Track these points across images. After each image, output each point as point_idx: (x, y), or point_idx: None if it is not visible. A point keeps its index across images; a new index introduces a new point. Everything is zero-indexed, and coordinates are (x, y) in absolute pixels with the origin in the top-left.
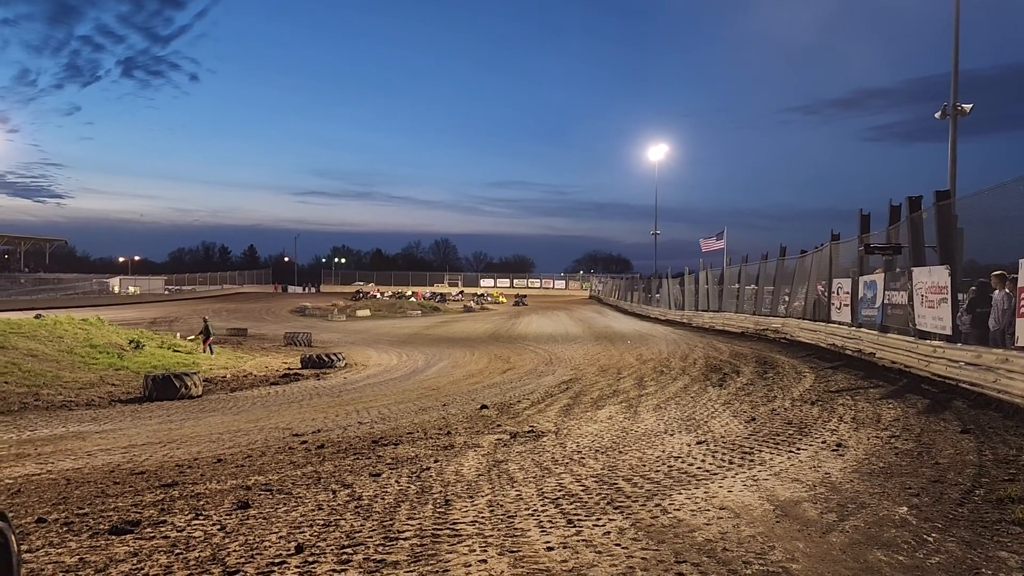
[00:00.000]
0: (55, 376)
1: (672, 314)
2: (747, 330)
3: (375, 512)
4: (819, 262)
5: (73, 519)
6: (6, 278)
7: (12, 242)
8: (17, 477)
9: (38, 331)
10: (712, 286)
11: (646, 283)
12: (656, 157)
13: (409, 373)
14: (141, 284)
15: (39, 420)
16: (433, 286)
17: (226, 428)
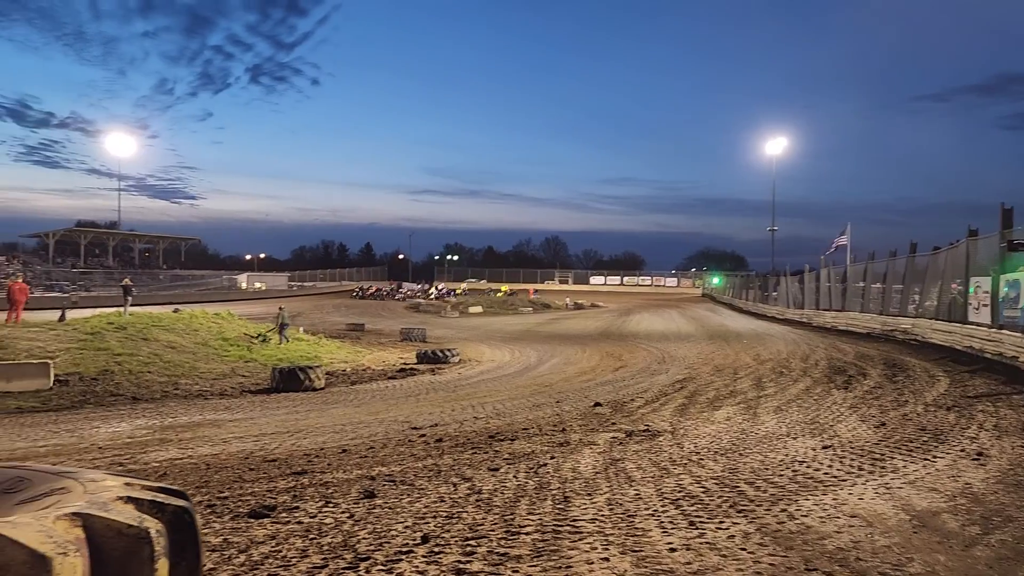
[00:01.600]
0: (192, 367)
1: (791, 313)
2: (873, 331)
3: (495, 506)
4: (954, 259)
5: (215, 502)
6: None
7: (152, 241)
8: (163, 461)
9: (176, 324)
10: (834, 284)
11: (762, 281)
12: (774, 151)
13: (522, 369)
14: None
15: (178, 408)
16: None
17: (348, 420)
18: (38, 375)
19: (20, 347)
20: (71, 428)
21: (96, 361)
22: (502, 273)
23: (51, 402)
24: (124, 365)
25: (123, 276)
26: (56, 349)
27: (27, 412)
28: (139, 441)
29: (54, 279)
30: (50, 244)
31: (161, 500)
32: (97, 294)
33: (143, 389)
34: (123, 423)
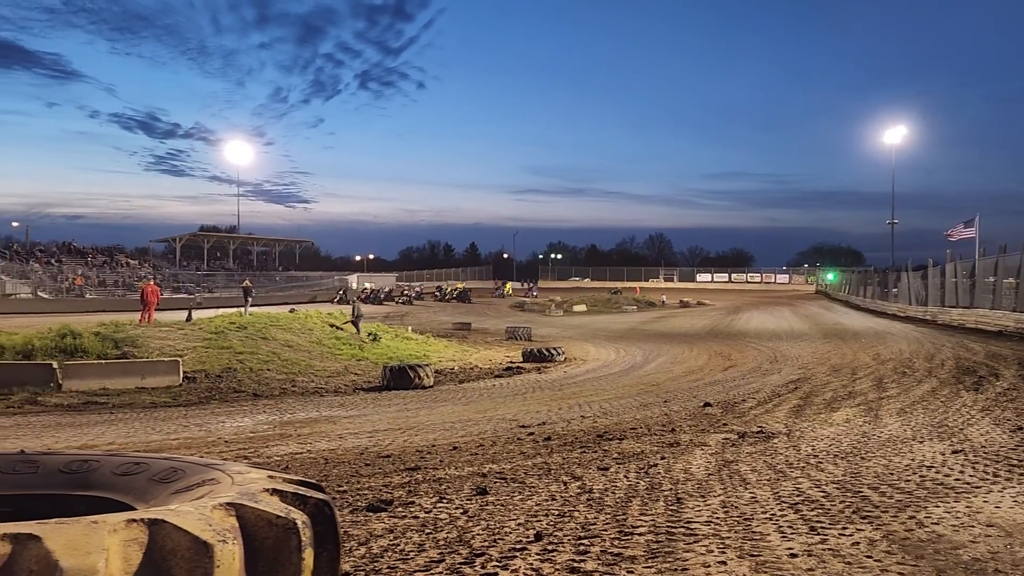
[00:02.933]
0: (307, 365)
1: (912, 310)
2: (1006, 328)
3: (607, 506)
4: None
5: (334, 495)
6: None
7: (268, 244)
8: (284, 455)
9: (292, 324)
10: (961, 279)
11: (881, 276)
12: (893, 140)
13: (627, 368)
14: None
15: (296, 404)
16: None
17: (457, 417)
18: (169, 372)
19: (153, 346)
20: (199, 423)
21: (220, 359)
22: (605, 271)
23: (180, 398)
24: (245, 363)
25: (243, 278)
26: (184, 348)
27: (160, 407)
28: (261, 436)
29: (181, 281)
30: (177, 248)
31: (303, 493)
32: (219, 295)
33: (263, 386)
34: (246, 418)
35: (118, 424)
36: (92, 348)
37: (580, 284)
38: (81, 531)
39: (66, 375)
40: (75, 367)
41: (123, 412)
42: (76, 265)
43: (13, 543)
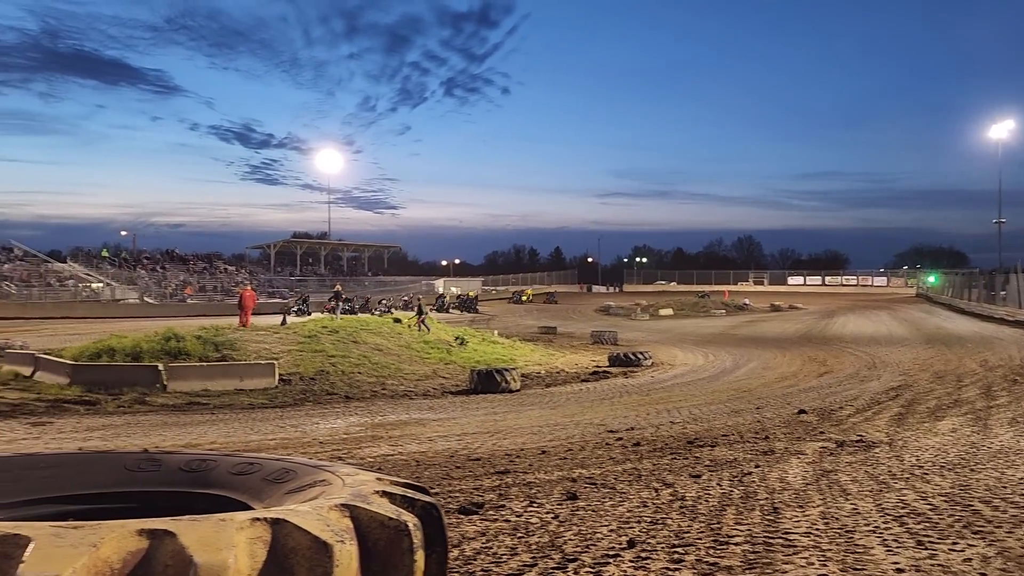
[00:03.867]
0: (397, 368)
1: (1023, 314)
2: None
3: (700, 514)
4: None
5: None
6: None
7: (358, 249)
8: (376, 456)
9: (382, 328)
10: None
11: (987, 278)
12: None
13: (717, 374)
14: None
15: (386, 407)
16: (736, 284)
17: (544, 422)
18: (266, 374)
19: (250, 349)
20: (295, 423)
21: (313, 362)
22: (692, 275)
23: (276, 399)
24: (337, 366)
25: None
26: (280, 351)
27: (257, 408)
28: (354, 437)
29: (275, 286)
30: (271, 254)
31: (410, 495)
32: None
33: (354, 388)
34: (338, 420)
35: (219, 424)
36: (194, 351)
37: (666, 288)
38: (211, 528)
39: (171, 376)
40: (179, 369)
41: (223, 412)
42: (178, 271)
43: (150, 538)
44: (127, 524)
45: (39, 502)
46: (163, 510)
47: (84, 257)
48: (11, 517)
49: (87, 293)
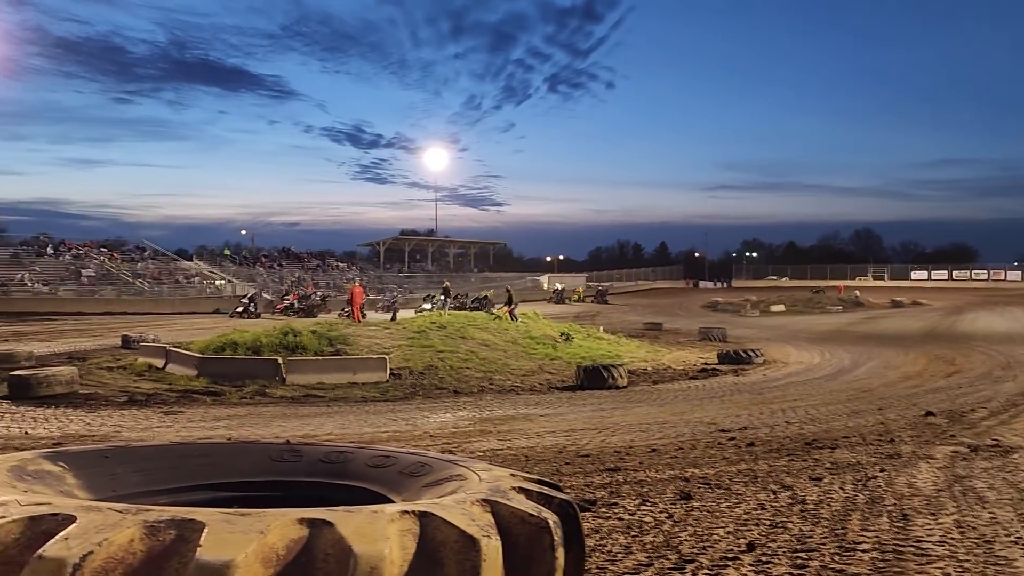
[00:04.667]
0: (503, 364)
1: None
2: None
3: (823, 518)
4: None
5: None
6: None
7: (464, 246)
8: (485, 451)
9: (488, 324)
10: None
11: None
12: None
13: (834, 372)
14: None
15: (494, 401)
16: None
17: (653, 419)
18: (377, 369)
19: (362, 343)
20: (406, 417)
21: (422, 357)
22: (806, 269)
23: (388, 393)
24: (446, 361)
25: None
26: (390, 346)
27: (369, 401)
28: (463, 431)
29: (385, 283)
30: (380, 251)
31: (547, 492)
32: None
33: (463, 383)
34: (447, 414)
35: (334, 416)
36: (310, 345)
37: (777, 283)
38: (365, 519)
39: (289, 370)
40: (296, 363)
41: (338, 405)
42: (294, 268)
43: (310, 527)
44: (288, 513)
45: (196, 488)
46: (306, 499)
47: (208, 255)
48: (176, 502)
49: (211, 289)
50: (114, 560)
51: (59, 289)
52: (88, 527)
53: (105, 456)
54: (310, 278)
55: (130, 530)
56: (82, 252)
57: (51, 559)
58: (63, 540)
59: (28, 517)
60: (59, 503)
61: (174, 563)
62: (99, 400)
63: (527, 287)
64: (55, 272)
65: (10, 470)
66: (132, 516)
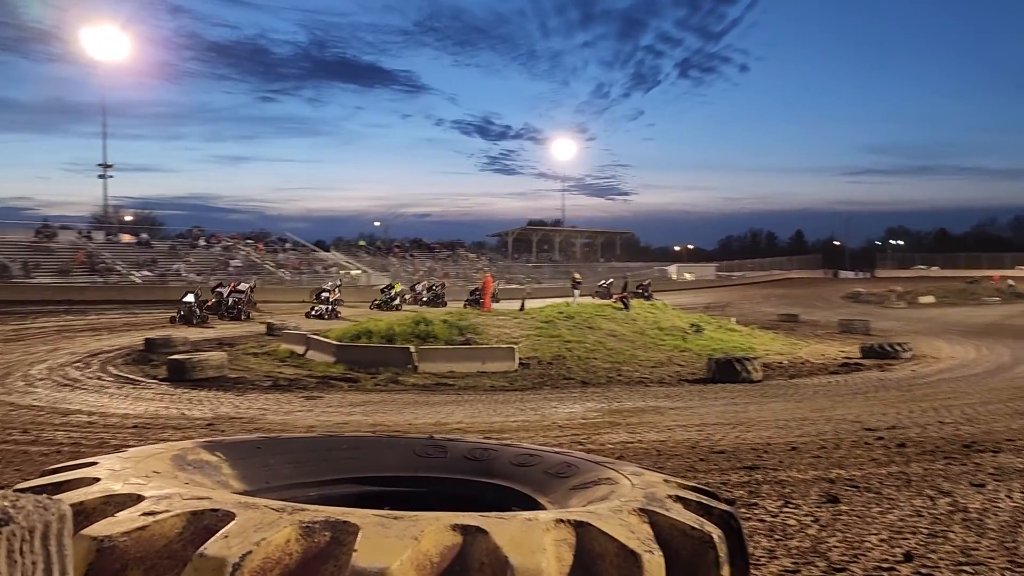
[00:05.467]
0: (631, 355)
1: None
2: None
3: (989, 529)
4: None
5: None
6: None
7: (591, 236)
8: (616, 443)
9: (616, 314)
10: None
11: None
12: None
13: (993, 369)
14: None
15: (622, 393)
16: (1014, 268)
17: (791, 415)
18: (506, 358)
19: (491, 333)
20: (534, 407)
21: (550, 347)
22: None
23: (516, 383)
24: (573, 351)
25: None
26: (518, 335)
27: (498, 390)
28: (592, 423)
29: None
30: (508, 242)
31: (705, 502)
32: (547, 286)
33: (590, 374)
34: (576, 405)
35: (464, 405)
36: (441, 334)
37: (926, 272)
38: (520, 528)
39: (420, 358)
40: (427, 351)
41: (467, 394)
42: (425, 259)
43: (463, 534)
44: (440, 517)
45: (343, 481)
46: (451, 497)
47: (344, 246)
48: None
49: (347, 279)
50: (271, 560)
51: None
52: (247, 525)
53: (258, 447)
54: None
55: (287, 530)
56: (230, 244)
57: (212, 557)
58: (223, 538)
59: (190, 512)
60: (218, 498)
61: (329, 567)
62: (246, 384)
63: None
64: (206, 262)
65: (172, 459)
66: (288, 516)
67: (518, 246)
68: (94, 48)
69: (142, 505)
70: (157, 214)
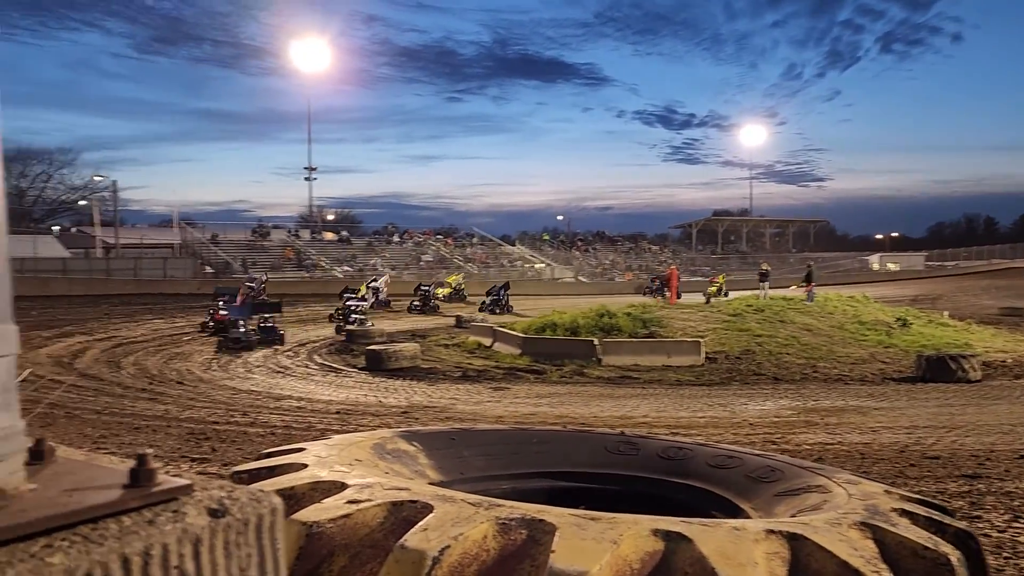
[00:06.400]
0: (828, 350)
1: None
2: None
3: None
4: None
5: None
6: (777, 258)
7: (781, 225)
8: (813, 444)
9: (811, 307)
10: None
11: None
12: None
13: None
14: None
15: (818, 391)
16: None
17: (1018, 419)
18: (692, 352)
19: (676, 326)
20: (722, 403)
21: (739, 341)
22: None
23: (702, 377)
24: (764, 346)
25: (760, 260)
26: (704, 329)
27: (684, 384)
28: (785, 421)
29: (696, 264)
30: (692, 233)
31: (936, 517)
32: (734, 277)
33: (783, 370)
34: (767, 402)
35: (649, 399)
36: (624, 327)
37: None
38: (727, 537)
39: (604, 351)
40: (611, 344)
41: (652, 387)
42: (608, 252)
43: (665, 540)
44: (640, 521)
45: (534, 475)
46: (644, 496)
47: (529, 240)
48: (517, 489)
49: (531, 272)
50: (469, 556)
51: (403, 273)
52: (444, 519)
53: (452, 438)
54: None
55: (483, 526)
56: (421, 239)
57: (413, 550)
58: (423, 531)
59: (391, 502)
60: (416, 490)
61: (526, 566)
62: (437, 374)
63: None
64: (400, 257)
65: (373, 447)
66: (484, 511)
67: (702, 237)
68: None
69: (346, 493)
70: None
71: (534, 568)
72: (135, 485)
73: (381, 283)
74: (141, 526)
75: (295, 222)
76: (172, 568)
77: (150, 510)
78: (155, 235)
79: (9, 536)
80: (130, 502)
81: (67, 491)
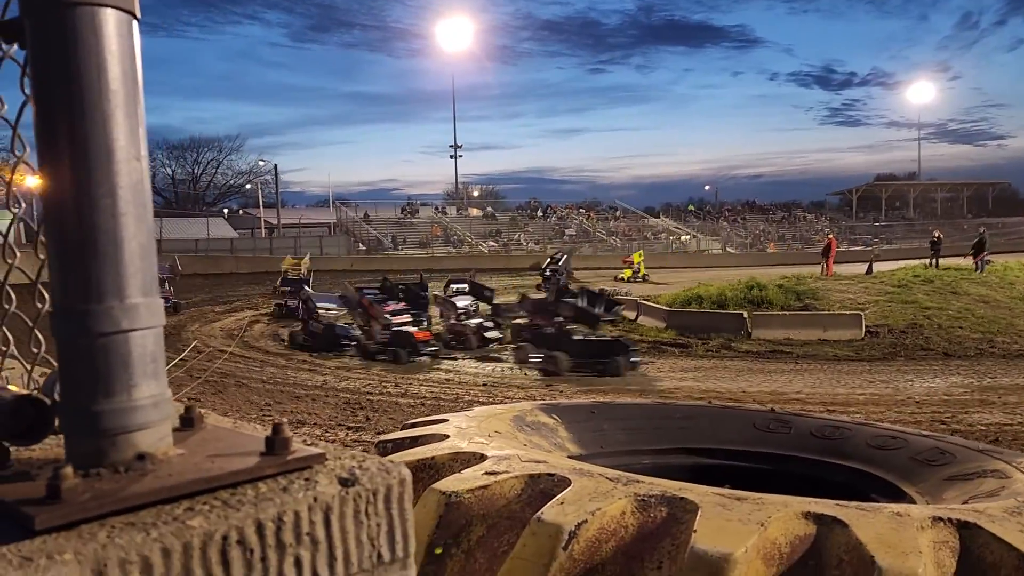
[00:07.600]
0: (1008, 323)
1: None
2: None
3: None
4: None
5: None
6: (950, 224)
7: (954, 189)
8: (988, 425)
9: (987, 278)
10: None
11: None
12: None
13: None
14: None
15: (996, 367)
16: None
17: None
18: (851, 325)
19: (833, 298)
20: (884, 379)
21: (904, 314)
22: None
23: (863, 352)
24: (932, 319)
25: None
26: (865, 301)
27: (842, 360)
28: (957, 399)
29: (857, 233)
30: (852, 200)
31: None
32: (899, 247)
33: (954, 345)
34: (936, 379)
35: (803, 374)
36: (776, 299)
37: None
38: (888, 524)
39: (754, 324)
40: (761, 317)
41: (806, 362)
42: (758, 221)
43: (817, 524)
44: (790, 503)
45: (677, 451)
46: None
47: (673, 212)
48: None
49: (676, 245)
50: (606, 532)
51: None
52: (582, 493)
53: (592, 412)
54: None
55: (621, 502)
56: (564, 213)
57: (549, 523)
58: (559, 505)
59: (528, 475)
60: (554, 463)
61: (666, 544)
62: None
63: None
64: (543, 232)
65: (512, 419)
66: (623, 487)
67: (864, 204)
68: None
69: (484, 464)
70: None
71: (674, 547)
72: (271, 453)
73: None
74: (276, 493)
75: (442, 199)
76: (304, 535)
77: (285, 477)
78: (312, 215)
79: (155, 499)
80: (266, 469)
81: (210, 457)
